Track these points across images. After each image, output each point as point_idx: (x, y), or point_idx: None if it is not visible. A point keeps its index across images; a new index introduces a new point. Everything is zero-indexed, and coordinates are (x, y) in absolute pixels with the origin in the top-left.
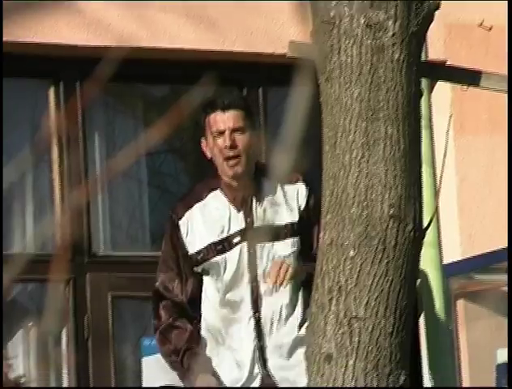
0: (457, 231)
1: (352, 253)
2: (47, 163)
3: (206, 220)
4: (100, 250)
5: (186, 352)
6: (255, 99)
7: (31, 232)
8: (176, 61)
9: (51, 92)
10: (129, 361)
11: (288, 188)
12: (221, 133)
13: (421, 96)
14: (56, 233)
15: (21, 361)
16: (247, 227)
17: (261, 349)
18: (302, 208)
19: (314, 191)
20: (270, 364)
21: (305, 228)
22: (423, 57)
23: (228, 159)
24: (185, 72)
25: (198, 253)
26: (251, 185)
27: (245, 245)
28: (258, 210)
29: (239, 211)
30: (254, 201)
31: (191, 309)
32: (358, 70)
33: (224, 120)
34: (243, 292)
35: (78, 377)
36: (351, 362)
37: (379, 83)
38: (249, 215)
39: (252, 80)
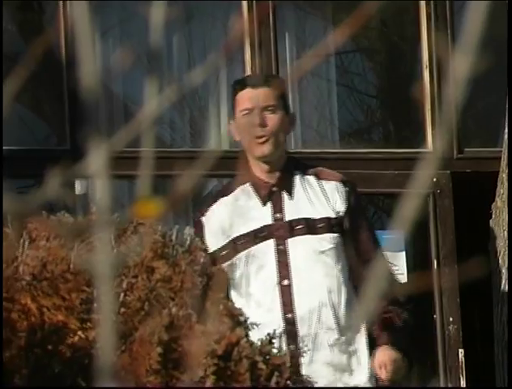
0: None
1: None
2: (240, 63)
3: (232, 215)
4: (291, 146)
5: None
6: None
7: (224, 130)
8: None
9: None
10: None
11: (326, 184)
12: (250, 110)
13: None
14: None
15: None
16: (275, 222)
17: (296, 355)
18: (344, 208)
19: (354, 191)
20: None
21: (351, 229)
22: None
23: (256, 138)
24: None
25: (223, 249)
26: (282, 179)
27: (271, 241)
28: (288, 204)
29: (265, 205)
30: (285, 195)
31: None
32: None
33: (253, 97)
34: (271, 292)
35: None
36: None
37: None
38: (277, 209)
39: None
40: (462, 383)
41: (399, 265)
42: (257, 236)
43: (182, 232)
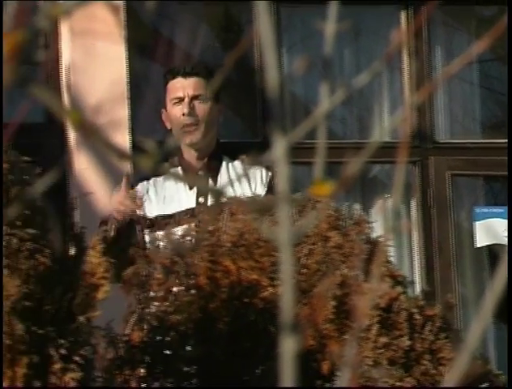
0: None
1: None
2: (399, 70)
3: (158, 194)
4: (440, 137)
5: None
6: None
7: (387, 124)
8: None
9: (402, 14)
10: (464, 225)
11: (251, 169)
12: (180, 100)
13: None
14: (406, 125)
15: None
16: (198, 206)
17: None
18: (263, 192)
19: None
20: None
21: None
22: None
23: (185, 126)
24: None
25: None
26: (209, 165)
27: (194, 224)
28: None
29: (192, 189)
30: (210, 180)
31: None
32: None
33: (184, 86)
34: None
35: (425, 237)
36: None
37: None
38: (201, 194)
39: None
40: None
41: None
42: (181, 217)
43: (351, 208)
